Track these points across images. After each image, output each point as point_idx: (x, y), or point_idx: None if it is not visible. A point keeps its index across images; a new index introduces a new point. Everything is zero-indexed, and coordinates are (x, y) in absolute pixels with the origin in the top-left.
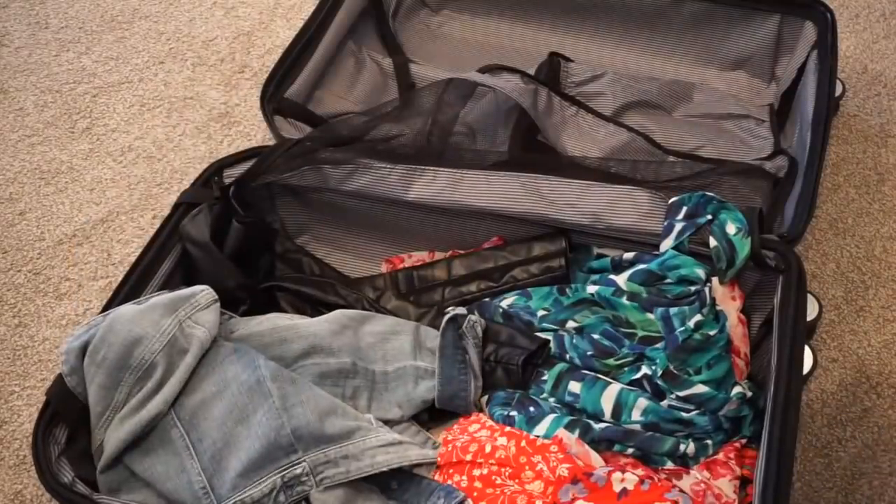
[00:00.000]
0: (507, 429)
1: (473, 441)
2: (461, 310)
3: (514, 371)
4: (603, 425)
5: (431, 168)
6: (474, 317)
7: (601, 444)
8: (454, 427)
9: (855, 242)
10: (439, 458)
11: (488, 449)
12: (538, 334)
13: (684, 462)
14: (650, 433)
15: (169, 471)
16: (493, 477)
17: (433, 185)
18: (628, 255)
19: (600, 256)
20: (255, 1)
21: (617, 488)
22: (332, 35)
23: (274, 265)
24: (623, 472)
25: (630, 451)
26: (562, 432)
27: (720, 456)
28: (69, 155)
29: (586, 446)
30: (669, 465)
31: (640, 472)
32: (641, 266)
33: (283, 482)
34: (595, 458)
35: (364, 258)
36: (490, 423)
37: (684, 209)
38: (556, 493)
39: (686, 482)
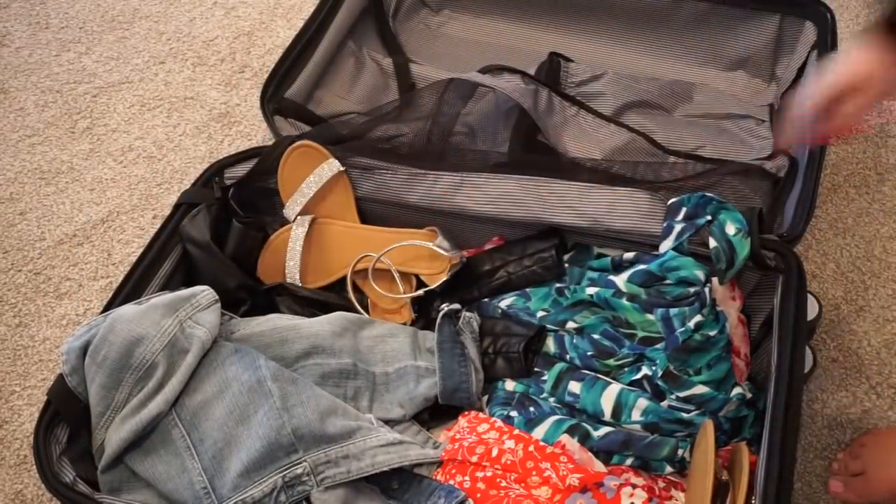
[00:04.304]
0: (517, 431)
1: (481, 443)
2: (455, 305)
3: (516, 358)
4: (602, 432)
5: (432, 172)
6: (469, 313)
7: (598, 455)
8: (463, 424)
9: (855, 242)
10: (444, 454)
11: (495, 453)
12: None
13: (683, 465)
14: (648, 440)
15: (170, 471)
16: (498, 479)
17: (434, 190)
18: (628, 256)
19: (600, 256)
20: (256, 1)
21: (625, 502)
22: (332, 35)
23: None
24: (634, 487)
25: (629, 461)
26: (565, 438)
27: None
28: (70, 155)
29: (589, 453)
30: (668, 469)
31: (641, 481)
32: (641, 267)
33: (283, 482)
34: (598, 466)
35: None
36: (499, 423)
37: (683, 210)
38: (564, 500)
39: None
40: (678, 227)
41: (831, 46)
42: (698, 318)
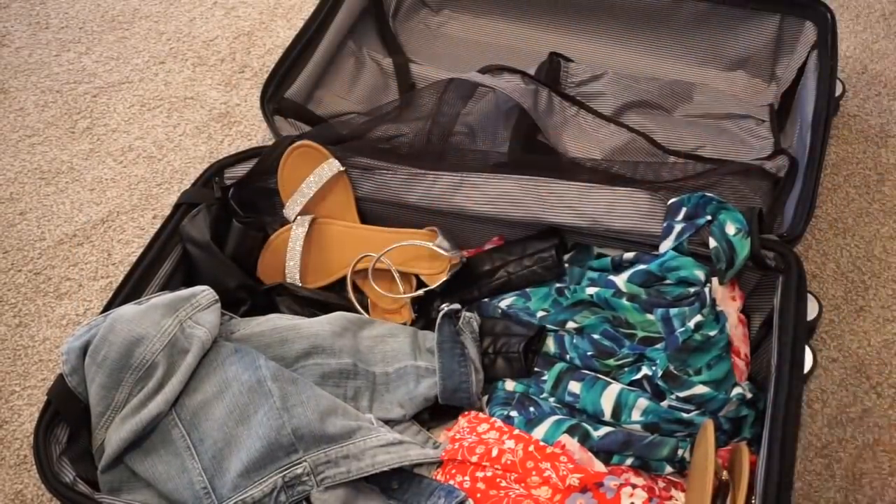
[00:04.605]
0: (517, 431)
1: (481, 443)
2: (455, 305)
3: (516, 358)
4: (602, 432)
5: (432, 172)
6: (469, 313)
7: (598, 454)
8: (463, 424)
9: (855, 242)
10: (444, 455)
11: (495, 453)
12: None
13: (683, 465)
14: (648, 440)
15: (170, 471)
16: (498, 479)
17: (433, 190)
18: (628, 256)
19: (600, 256)
20: (256, 1)
21: (625, 502)
22: (332, 35)
23: None
24: (634, 487)
25: (629, 461)
26: (565, 438)
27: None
28: (70, 155)
29: (589, 453)
30: (668, 469)
31: (641, 481)
32: (641, 267)
33: (283, 482)
34: (599, 466)
35: None
36: (499, 423)
37: (683, 210)
38: (564, 500)
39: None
40: (678, 227)
41: (831, 46)
42: (698, 318)
